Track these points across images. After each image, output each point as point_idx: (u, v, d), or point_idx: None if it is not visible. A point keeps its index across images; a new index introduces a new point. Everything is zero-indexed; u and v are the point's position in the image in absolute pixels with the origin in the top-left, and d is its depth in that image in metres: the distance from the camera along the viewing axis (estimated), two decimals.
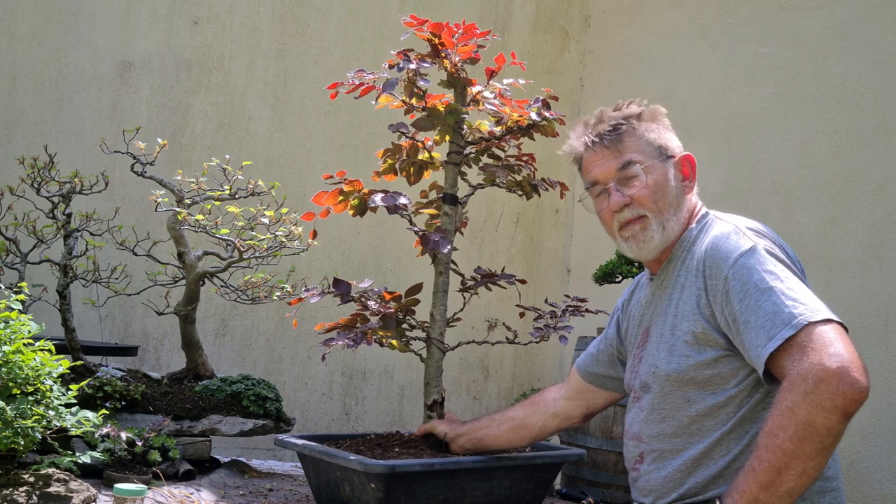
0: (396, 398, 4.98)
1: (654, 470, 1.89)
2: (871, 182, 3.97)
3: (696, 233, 1.94)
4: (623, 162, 1.95)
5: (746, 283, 1.71)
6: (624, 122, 1.98)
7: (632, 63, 5.23)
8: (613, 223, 1.98)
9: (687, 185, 1.99)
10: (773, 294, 1.67)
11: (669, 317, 1.89)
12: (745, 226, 1.86)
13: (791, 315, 1.62)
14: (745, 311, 1.69)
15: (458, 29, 2.73)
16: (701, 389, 1.81)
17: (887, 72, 3.97)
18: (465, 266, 3.11)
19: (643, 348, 1.99)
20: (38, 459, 2.77)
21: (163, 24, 4.45)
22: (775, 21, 4.42)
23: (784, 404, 1.56)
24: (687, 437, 1.83)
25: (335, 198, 2.85)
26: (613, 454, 3.70)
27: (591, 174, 2.00)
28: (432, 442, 2.80)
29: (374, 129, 4.86)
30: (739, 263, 1.74)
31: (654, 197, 1.93)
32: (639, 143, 1.96)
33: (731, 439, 1.79)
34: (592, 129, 2.01)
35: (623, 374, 2.20)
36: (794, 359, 1.59)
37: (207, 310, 4.39)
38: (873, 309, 3.81)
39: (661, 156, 1.96)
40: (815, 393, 1.52)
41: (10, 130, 4.15)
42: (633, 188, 1.94)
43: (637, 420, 1.96)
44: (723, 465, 1.79)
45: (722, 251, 1.79)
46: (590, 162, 2.01)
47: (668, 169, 1.96)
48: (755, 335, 1.66)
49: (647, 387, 1.92)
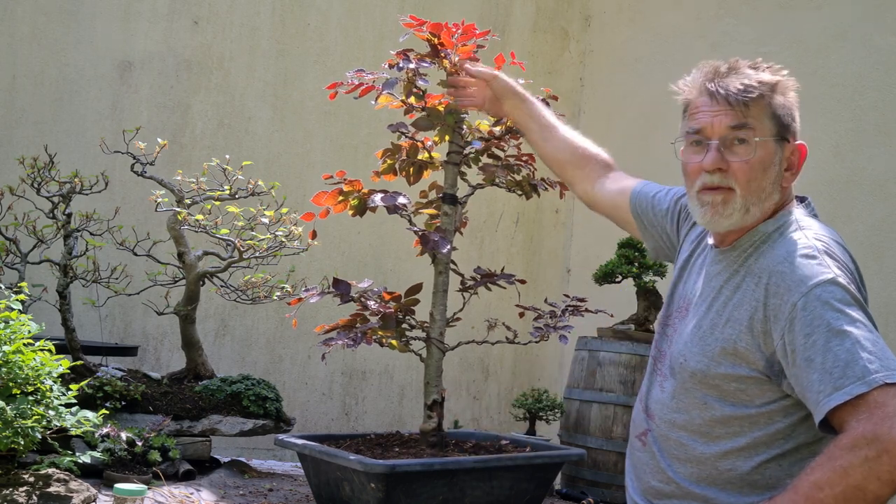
0: (396, 398, 4.98)
1: (654, 453, 1.86)
2: (871, 182, 3.97)
3: (771, 230, 1.78)
4: (739, 122, 1.75)
5: (817, 318, 1.60)
6: (757, 86, 1.77)
7: (632, 63, 5.23)
8: (697, 181, 1.79)
9: (788, 175, 1.81)
10: (847, 339, 1.57)
11: (713, 312, 1.78)
12: (826, 248, 1.71)
13: (865, 369, 1.53)
14: (809, 348, 1.59)
15: (457, 29, 2.74)
16: (722, 398, 1.74)
17: (887, 72, 3.97)
18: (464, 266, 3.11)
19: (681, 322, 1.88)
20: (38, 459, 2.77)
21: (163, 24, 4.45)
22: (775, 21, 4.42)
23: (838, 462, 1.50)
24: (695, 435, 1.78)
25: (335, 198, 2.85)
26: (613, 454, 3.70)
27: (698, 120, 1.80)
28: (432, 442, 2.80)
29: (374, 129, 4.86)
30: (814, 294, 1.62)
31: (751, 174, 1.75)
32: (763, 114, 1.77)
33: (740, 456, 1.73)
34: (721, 80, 1.80)
35: (656, 240, 2.11)
36: (860, 418, 1.51)
37: (207, 310, 4.39)
38: (873, 309, 3.77)
39: (778, 136, 1.78)
40: (876, 461, 1.47)
41: (10, 130, 4.15)
42: (736, 156, 1.75)
43: (655, 397, 1.88)
44: (727, 477, 1.74)
45: (796, 273, 1.66)
46: (703, 108, 1.80)
47: (777, 151, 1.78)
48: (819, 378, 1.57)
49: (674, 372, 1.83)
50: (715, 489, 1.76)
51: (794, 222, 1.79)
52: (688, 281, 1.93)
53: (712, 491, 1.76)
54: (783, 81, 1.81)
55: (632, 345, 3.79)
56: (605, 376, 3.80)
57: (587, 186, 2.26)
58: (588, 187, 2.25)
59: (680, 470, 1.81)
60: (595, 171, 2.25)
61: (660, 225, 2.10)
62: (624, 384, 3.74)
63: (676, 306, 1.93)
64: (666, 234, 2.10)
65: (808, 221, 1.80)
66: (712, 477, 1.76)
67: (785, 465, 1.70)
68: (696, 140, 1.81)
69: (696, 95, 1.83)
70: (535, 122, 2.36)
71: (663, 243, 2.11)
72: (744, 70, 1.81)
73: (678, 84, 1.89)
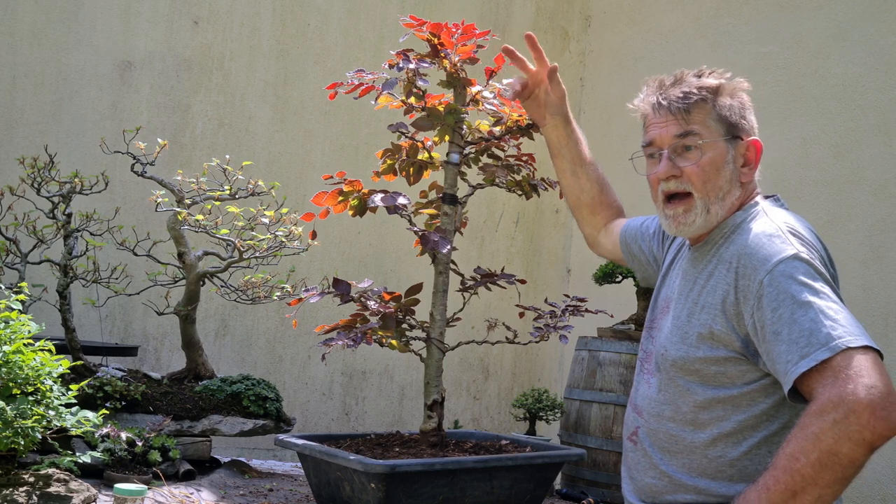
0: (396, 398, 4.98)
1: (645, 449, 1.89)
2: (871, 182, 3.97)
3: (739, 220, 1.85)
4: (683, 131, 1.84)
5: (782, 293, 1.65)
6: (697, 92, 1.86)
7: (632, 63, 5.23)
8: (658, 191, 1.89)
9: (745, 171, 1.88)
10: (810, 309, 1.61)
11: (689, 302, 1.84)
12: (790, 228, 1.77)
13: (829, 336, 1.57)
14: (776, 322, 1.63)
15: (457, 29, 2.74)
16: (704, 382, 1.78)
17: (887, 72, 3.97)
18: (465, 266, 3.11)
19: (663, 320, 1.94)
20: (39, 459, 2.77)
21: (163, 24, 4.46)
22: (775, 21, 4.42)
23: (810, 429, 1.53)
24: (683, 424, 1.81)
25: (335, 198, 2.85)
26: (613, 454, 3.70)
27: (649, 133, 1.91)
28: (432, 442, 2.80)
29: (374, 129, 4.86)
30: (778, 270, 1.67)
31: (704, 176, 1.83)
32: (706, 118, 1.85)
33: (728, 443, 1.76)
34: (664, 91, 1.90)
35: (645, 267, 2.20)
36: (825, 383, 1.54)
37: (207, 310, 4.39)
38: (873, 309, 3.81)
39: (727, 135, 1.85)
40: (844, 423, 1.50)
41: (10, 130, 4.15)
42: (686, 161, 1.84)
43: (642, 394, 1.93)
44: (717, 465, 1.77)
45: (760, 252, 1.72)
46: (652, 121, 1.90)
47: (728, 150, 1.85)
48: (786, 349, 1.61)
49: (659, 367, 1.89)
50: (706, 479, 1.79)
51: (761, 211, 1.86)
52: (670, 283, 2.00)
53: (703, 481, 1.79)
54: (727, 84, 1.90)
55: (632, 345, 3.79)
56: (605, 376, 3.80)
57: (594, 231, 2.37)
58: (594, 232, 2.37)
59: (671, 462, 1.83)
60: (605, 220, 2.36)
61: (647, 249, 2.19)
62: (624, 384, 3.74)
63: (660, 308, 2.00)
64: (653, 256, 2.18)
65: (776, 210, 1.87)
66: (703, 466, 1.79)
67: (773, 449, 1.72)
68: (650, 153, 1.91)
69: (647, 109, 1.93)
70: (571, 153, 2.33)
71: (651, 268, 2.20)
72: (687, 79, 1.91)
73: (634, 101, 1.98)
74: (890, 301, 3.78)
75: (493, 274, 3.01)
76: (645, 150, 1.93)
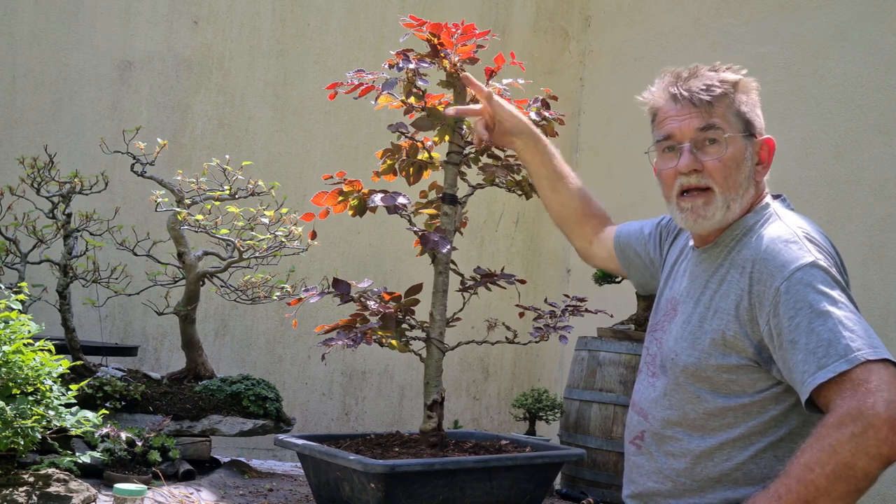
0: (396, 398, 4.98)
1: (651, 453, 1.87)
2: (871, 182, 3.97)
3: (751, 223, 1.82)
4: (706, 123, 1.79)
5: (800, 301, 1.62)
6: (720, 85, 1.81)
7: (632, 63, 5.23)
8: (675, 186, 1.83)
9: (759, 169, 1.85)
10: (828, 319, 1.59)
11: (700, 306, 1.81)
12: (807, 234, 1.74)
13: (847, 348, 1.56)
14: (793, 330, 1.61)
15: (457, 29, 2.74)
16: (714, 390, 1.76)
17: (887, 72, 3.97)
18: (464, 266, 3.11)
19: (669, 322, 1.91)
20: (38, 459, 2.77)
21: (163, 24, 4.46)
22: (775, 21, 4.42)
23: (826, 441, 1.52)
24: (690, 430, 1.79)
25: (335, 198, 2.85)
26: (613, 454, 3.70)
27: (666, 127, 1.84)
28: (432, 442, 2.80)
29: (374, 129, 4.86)
30: (796, 277, 1.65)
31: (726, 171, 1.79)
32: (728, 112, 1.81)
33: (735, 447, 1.75)
34: (684, 83, 1.83)
35: (641, 272, 2.18)
36: (844, 395, 1.53)
37: (207, 310, 4.39)
38: (873, 309, 3.81)
39: (745, 131, 1.82)
40: (862, 437, 1.49)
41: (10, 130, 4.15)
42: (709, 156, 1.79)
43: (647, 397, 1.90)
44: (722, 469, 1.76)
45: (777, 258, 1.69)
46: (669, 114, 1.84)
47: (747, 147, 1.82)
48: (803, 358, 1.59)
49: (665, 370, 1.86)
50: (711, 483, 1.78)
51: (773, 214, 1.83)
52: (674, 285, 1.97)
53: (709, 485, 1.78)
54: (744, 81, 1.86)
55: (632, 345, 3.79)
56: (605, 376, 3.80)
57: (584, 244, 2.37)
58: (585, 244, 2.36)
59: (676, 466, 1.82)
60: (594, 230, 2.34)
61: (643, 252, 2.17)
62: (624, 384, 3.74)
63: (664, 310, 1.97)
64: (650, 259, 2.16)
65: (787, 213, 1.85)
66: (708, 470, 1.78)
67: (780, 454, 1.71)
68: (668, 146, 1.85)
69: (661, 103, 1.87)
70: (546, 168, 2.32)
71: (648, 272, 2.18)
72: (704, 73, 1.86)
73: (643, 95, 1.92)
74: (890, 301, 3.78)
75: (492, 274, 3.01)
76: (661, 143, 1.86)
